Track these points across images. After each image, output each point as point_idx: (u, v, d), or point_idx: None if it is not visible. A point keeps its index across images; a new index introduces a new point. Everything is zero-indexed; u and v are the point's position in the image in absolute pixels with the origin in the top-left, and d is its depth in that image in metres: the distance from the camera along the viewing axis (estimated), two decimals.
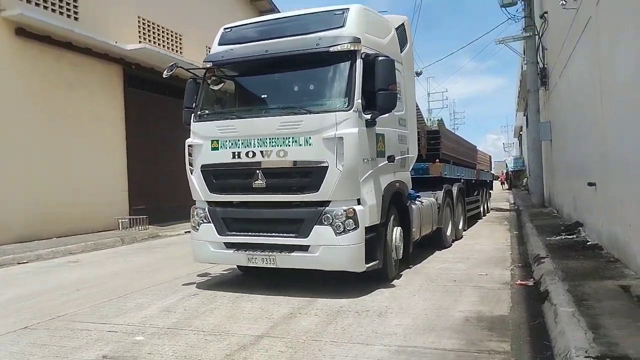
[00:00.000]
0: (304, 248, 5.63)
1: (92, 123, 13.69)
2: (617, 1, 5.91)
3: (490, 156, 20.90)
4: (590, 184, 7.72)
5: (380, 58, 5.70)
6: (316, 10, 6.38)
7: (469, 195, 12.26)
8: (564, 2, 8.44)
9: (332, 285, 5.98)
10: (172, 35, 17.26)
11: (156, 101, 16.27)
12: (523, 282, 5.92)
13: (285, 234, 5.77)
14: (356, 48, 5.68)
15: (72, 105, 13.14)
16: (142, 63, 15.40)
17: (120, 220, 13.98)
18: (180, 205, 17.40)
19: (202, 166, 6.21)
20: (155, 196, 15.99)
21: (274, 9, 23.71)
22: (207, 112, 6.39)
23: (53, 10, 12.59)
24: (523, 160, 40.59)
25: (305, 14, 6.51)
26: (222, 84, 6.56)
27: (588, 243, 7.65)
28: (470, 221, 12.54)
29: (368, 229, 5.65)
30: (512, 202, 22.34)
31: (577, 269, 5.82)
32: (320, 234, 5.54)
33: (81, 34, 12.72)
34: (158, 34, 16.57)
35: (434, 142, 9.71)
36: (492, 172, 21.19)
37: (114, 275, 7.49)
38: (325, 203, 5.58)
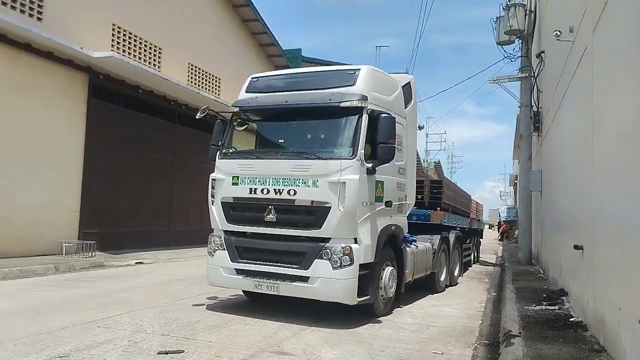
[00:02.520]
0: (305, 279, 6.29)
1: (44, 133, 12.56)
2: (617, 25, 4.86)
3: (482, 205, 20.45)
4: (576, 247, 6.54)
5: (383, 115, 6.50)
6: (332, 69, 7.62)
7: (463, 243, 12.34)
8: (559, 33, 7.48)
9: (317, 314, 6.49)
10: (150, 48, 16.35)
11: (125, 116, 15.19)
12: None
13: (288, 265, 6.42)
14: (363, 105, 6.45)
15: (23, 111, 12.02)
16: (112, 74, 14.39)
17: (65, 244, 12.67)
18: (138, 232, 16.16)
19: (222, 198, 6.94)
20: (112, 220, 14.72)
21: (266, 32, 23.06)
22: (230, 150, 7.25)
23: (13, 8, 11.65)
24: (516, 211, 39.23)
25: (323, 71, 7.72)
26: (246, 126, 7.44)
27: (571, 320, 6.42)
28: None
29: (362, 266, 6.30)
30: (500, 255, 21.10)
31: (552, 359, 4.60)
32: (320, 267, 6.21)
33: (40, 35, 11.72)
34: (135, 45, 15.65)
35: (437, 190, 10.34)
36: (486, 220, 21.26)
37: None
38: (326, 239, 6.27)
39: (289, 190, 6.43)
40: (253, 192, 6.67)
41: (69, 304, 7.10)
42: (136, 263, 12.79)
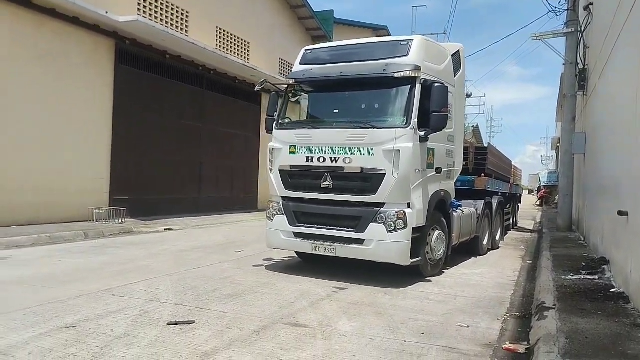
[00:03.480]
0: (360, 241, 6.69)
1: (72, 100, 12.52)
2: None
3: (520, 170, 20.08)
4: (620, 213, 5.98)
5: (436, 84, 6.68)
6: (384, 40, 7.83)
7: (504, 208, 12.48)
8: None
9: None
10: (177, 11, 15.96)
11: (152, 82, 15.03)
12: (512, 347, 4.30)
13: (345, 229, 6.80)
14: (416, 75, 6.67)
15: (50, 78, 11.99)
16: (138, 39, 14.20)
17: (95, 211, 12.79)
18: (169, 198, 16.20)
19: (280, 167, 7.30)
20: (142, 186, 14.77)
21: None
22: (287, 121, 7.61)
23: None
24: (558, 175, 37.78)
25: (375, 42, 7.76)
26: (300, 97, 7.82)
27: (612, 290, 5.93)
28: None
29: (414, 230, 6.67)
30: (538, 221, 20.32)
31: (589, 336, 4.18)
32: (375, 230, 6.57)
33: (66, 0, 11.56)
34: (161, 9, 15.29)
35: (481, 157, 10.48)
36: (525, 185, 21.28)
37: (8, 283, 6.16)
38: (380, 205, 6.61)
39: (345, 158, 6.76)
40: (310, 161, 7.02)
41: (89, 271, 7.06)
42: (165, 230, 12.81)
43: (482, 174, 10.26)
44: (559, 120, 30.67)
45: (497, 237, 11.20)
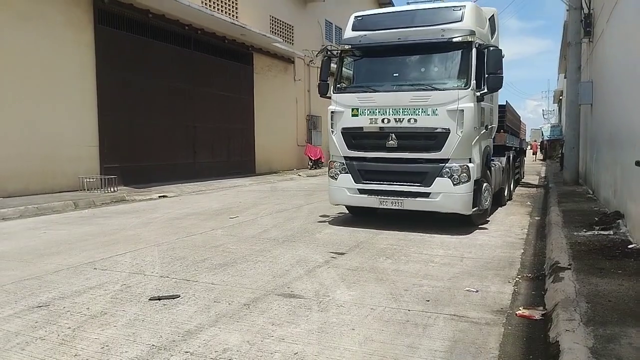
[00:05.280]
0: (426, 194, 7.28)
1: (52, 64, 11.91)
2: None
3: (525, 124, 19.72)
4: (638, 163, 5.52)
5: (491, 48, 7.23)
6: (437, 6, 7.90)
7: (515, 162, 13.01)
8: None
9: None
10: None
11: (137, 44, 14.33)
12: (526, 314, 3.91)
13: (411, 183, 7.37)
14: (473, 39, 7.16)
15: (28, 41, 11.35)
16: None
17: (86, 180, 12.38)
18: (163, 165, 15.70)
19: (343, 129, 7.74)
20: (134, 153, 14.30)
21: None
22: (344, 85, 7.99)
23: None
24: (561, 129, 37.17)
25: (428, 8, 7.89)
26: (354, 62, 8.08)
27: (629, 247, 5.53)
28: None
29: (474, 182, 7.24)
30: (543, 176, 19.89)
31: (613, 299, 3.79)
32: (441, 184, 7.15)
33: None
34: None
35: (501, 115, 10.40)
36: (528, 140, 21.56)
37: None
38: (445, 160, 7.15)
39: (409, 118, 7.23)
40: (374, 122, 7.46)
41: (73, 243, 6.67)
42: (159, 197, 12.42)
43: (502, 131, 10.53)
44: (562, 71, 29.82)
45: (512, 189, 11.87)
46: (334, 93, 7.91)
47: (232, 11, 18.55)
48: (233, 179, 17.20)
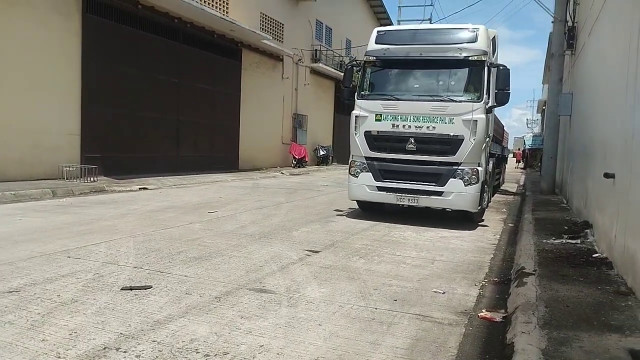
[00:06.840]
0: (439, 193, 8.21)
1: (37, 52, 11.81)
2: None
3: (508, 133, 20.25)
4: (607, 175, 5.71)
5: (501, 67, 8.13)
6: (454, 27, 8.90)
7: (496, 168, 13.34)
8: None
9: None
10: None
11: (124, 34, 14.26)
12: (488, 316, 4.05)
13: (427, 183, 8.27)
14: (485, 58, 8.12)
15: (13, 27, 11.25)
16: None
17: (65, 169, 12.31)
18: (145, 157, 15.63)
19: (366, 131, 8.54)
20: (116, 144, 14.24)
21: None
22: (368, 92, 8.75)
23: None
24: (543, 139, 37.75)
25: (446, 28, 9.11)
26: (377, 72, 8.87)
27: (594, 255, 5.71)
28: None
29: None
30: (522, 184, 20.21)
31: (571, 304, 3.94)
32: (454, 184, 8.10)
33: None
34: None
35: None
36: (511, 149, 21.55)
37: None
38: (458, 164, 8.10)
39: (429, 125, 8.11)
40: (396, 127, 8.30)
41: (48, 231, 6.67)
42: (140, 189, 12.39)
43: None
44: (546, 82, 30.26)
45: (490, 196, 11.78)
46: (358, 99, 8.66)
47: (223, 6, 18.55)
48: (215, 174, 17.20)
